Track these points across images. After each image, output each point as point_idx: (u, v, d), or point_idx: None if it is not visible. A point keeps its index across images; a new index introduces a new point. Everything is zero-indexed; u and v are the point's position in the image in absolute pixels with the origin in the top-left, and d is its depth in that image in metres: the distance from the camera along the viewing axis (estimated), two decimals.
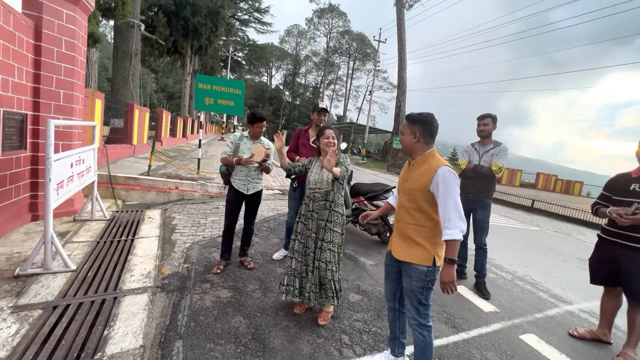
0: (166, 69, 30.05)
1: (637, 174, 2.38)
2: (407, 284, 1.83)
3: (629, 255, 2.35)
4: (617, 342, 2.70)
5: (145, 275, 2.96)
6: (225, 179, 3.22)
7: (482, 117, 3.44)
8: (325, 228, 2.44)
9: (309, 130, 3.48)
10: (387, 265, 2.06)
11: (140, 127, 9.75)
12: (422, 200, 1.75)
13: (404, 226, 1.85)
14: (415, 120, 1.81)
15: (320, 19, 51.75)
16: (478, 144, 3.51)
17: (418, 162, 1.83)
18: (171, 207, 5.33)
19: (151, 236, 3.99)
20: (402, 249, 1.85)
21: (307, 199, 2.54)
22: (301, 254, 2.52)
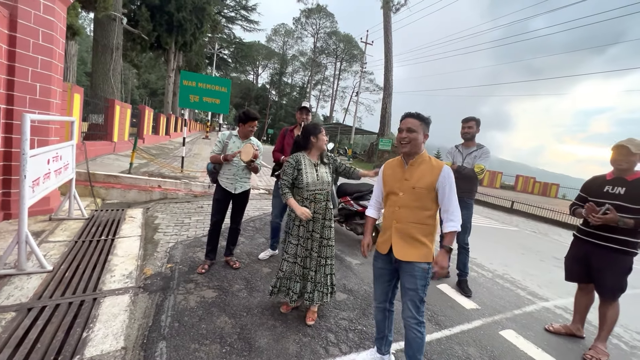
0: (149, 65, 29.32)
1: (611, 177, 2.51)
2: (410, 284, 1.82)
3: (599, 254, 2.48)
4: (589, 336, 2.83)
5: (126, 276, 2.88)
6: (213, 178, 3.17)
7: (466, 120, 3.50)
8: (326, 226, 2.50)
9: (294, 130, 3.47)
10: (379, 268, 2.02)
11: (122, 123, 9.47)
12: (427, 198, 1.80)
13: (406, 226, 1.83)
14: (426, 121, 1.85)
15: (307, 19, 51.78)
16: (462, 146, 3.58)
17: (418, 162, 1.86)
18: (154, 206, 5.20)
19: (132, 236, 3.88)
20: (405, 249, 1.83)
21: (306, 202, 2.44)
22: (302, 259, 2.48)
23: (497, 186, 22.41)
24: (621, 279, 2.45)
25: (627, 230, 2.35)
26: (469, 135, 3.47)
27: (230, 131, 3.18)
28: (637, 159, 2.36)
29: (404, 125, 1.85)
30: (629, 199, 2.34)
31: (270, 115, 54.15)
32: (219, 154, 3.06)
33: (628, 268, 2.42)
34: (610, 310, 2.52)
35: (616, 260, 2.42)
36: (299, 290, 2.48)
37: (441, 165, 1.79)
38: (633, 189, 2.35)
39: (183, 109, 8.23)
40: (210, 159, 3.13)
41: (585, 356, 2.47)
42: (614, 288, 2.48)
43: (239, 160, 3.02)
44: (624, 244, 2.38)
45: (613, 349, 2.69)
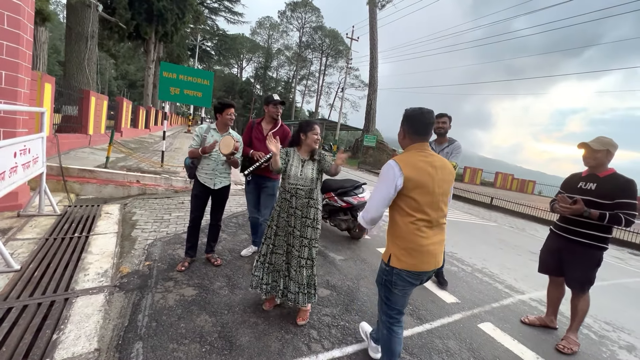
0: (127, 55, 28.16)
1: (585, 174, 2.64)
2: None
3: (571, 248, 2.60)
4: (561, 327, 2.95)
5: (101, 274, 2.77)
6: (191, 173, 3.06)
7: (440, 116, 3.46)
8: (312, 227, 2.40)
9: (261, 123, 3.34)
10: (411, 284, 1.77)
11: (97, 115, 9.08)
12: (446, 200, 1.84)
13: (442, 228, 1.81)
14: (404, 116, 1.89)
15: (293, 13, 51.16)
16: (434, 143, 3.55)
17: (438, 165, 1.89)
18: (132, 202, 5.03)
19: (108, 232, 3.73)
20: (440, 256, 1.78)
21: (287, 194, 2.41)
22: (284, 250, 2.45)
23: (478, 183, 23.04)
24: (590, 272, 2.56)
25: (598, 226, 2.45)
26: (443, 130, 3.44)
27: (208, 124, 3.08)
28: (603, 156, 2.48)
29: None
30: (599, 195, 2.46)
31: (254, 110, 53.39)
32: (197, 148, 2.95)
33: (597, 262, 2.53)
34: (581, 302, 2.63)
35: (586, 254, 2.53)
36: (282, 287, 2.44)
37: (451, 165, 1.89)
38: (603, 185, 2.47)
39: (164, 102, 7.97)
40: (189, 154, 3.02)
41: (558, 347, 2.57)
42: (583, 281, 2.59)
43: (218, 154, 2.94)
44: (594, 239, 2.48)
45: (583, 339, 2.81)
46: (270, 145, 2.32)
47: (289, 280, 2.43)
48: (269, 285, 2.47)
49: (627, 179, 2.42)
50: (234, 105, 3.04)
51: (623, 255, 7.13)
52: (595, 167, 2.54)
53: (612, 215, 2.35)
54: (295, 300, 2.39)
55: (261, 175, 3.27)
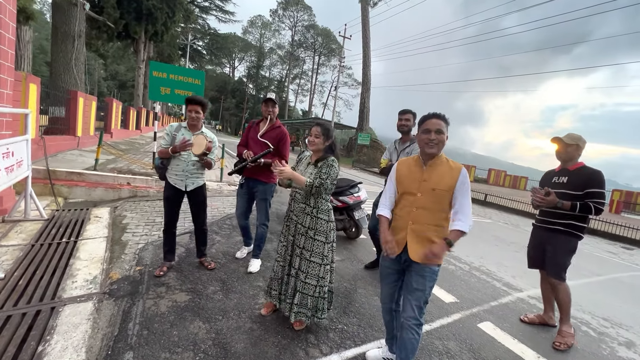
0: (117, 55, 27.76)
1: (559, 169, 2.78)
2: (419, 284, 1.79)
3: (550, 236, 2.70)
4: None
5: (90, 281, 2.67)
6: (161, 174, 2.91)
7: (403, 112, 3.32)
8: (306, 235, 2.25)
9: (259, 124, 3.23)
10: (387, 268, 1.96)
11: (86, 117, 8.88)
12: (446, 201, 1.77)
13: (423, 228, 1.80)
14: (448, 122, 1.83)
15: (285, 11, 50.90)
16: (399, 142, 3.42)
17: (436, 163, 1.83)
18: (122, 205, 4.91)
19: (98, 237, 3.62)
20: (420, 251, 1.77)
21: (290, 198, 2.38)
22: (282, 257, 2.38)
23: (471, 179, 23.19)
24: (565, 257, 2.66)
25: (573, 216, 2.58)
26: (407, 128, 3.29)
27: (179, 123, 2.93)
28: (573, 150, 2.62)
29: (433, 126, 1.79)
30: (570, 186, 2.61)
31: (247, 110, 53.06)
32: (166, 147, 2.79)
33: (572, 249, 2.65)
34: (560, 293, 2.69)
35: (563, 240, 2.64)
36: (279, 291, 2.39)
37: (459, 167, 1.79)
38: (573, 177, 2.61)
39: (154, 102, 7.82)
40: (158, 154, 2.86)
41: (555, 344, 2.58)
42: (559, 265, 2.67)
43: (188, 154, 2.81)
44: (570, 227, 2.61)
45: (583, 337, 2.81)
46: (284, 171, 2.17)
47: (287, 285, 2.36)
48: (275, 291, 2.41)
49: (595, 170, 2.56)
50: (198, 102, 2.79)
51: (616, 250, 7.22)
52: (566, 161, 2.69)
53: (582, 204, 2.49)
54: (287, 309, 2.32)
55: (252, 178, 3.17)
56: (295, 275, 2.29)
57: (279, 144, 3.12)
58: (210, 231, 4.19)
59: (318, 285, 2.24)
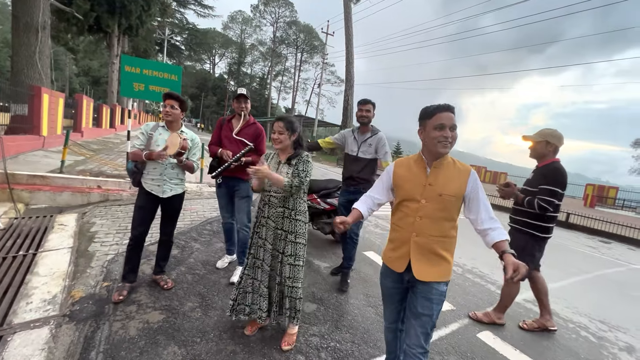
0: (89, 50, 26.24)
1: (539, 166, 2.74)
2: (425, 309, 1.53)
3: (515, 236, 2.69)
4: (560, 329, 2.86)
5: (48, 302, 2.35)
6: (135, 179, 2.55)
7: (364, 102, 3.15)
8: (287, 240, 2.09)
9: (232, 121, 3.01)
10: (390, 288, 1.71)
11: (52, 114, 8.26)
12: (454, 208, 1.53)
13: (428, 240, 1.53)
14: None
15: (266, 7, 50.04)
16: (358, 132, 3.23)
17: (442, 164, 1.56)
18: (91, 211, 4.51)
19: (61, 248, 3.27)
20: (426, 268, 1.53)
21: (261, 203, 2.17)
22: (250, 266, 2.19)
23: None
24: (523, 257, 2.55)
25: (527, 213, 2.58)
26: (367, 119, 3.12)
27: (156, 122, 2.62)
28: (542, 147, 2.61)
29: (448, 121, 1.48)
30: (529, 182, 2.66)
31: (229, 107, 51.96)
32: (140, 148, 2.46)
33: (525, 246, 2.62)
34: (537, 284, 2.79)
35: (515, 238, 2.64)
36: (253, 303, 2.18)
37: (468, 169, 1.55)
38: (536, 174, 2.63)
39: (129, 99, 7.35)
40: (130, 157, 2.49)
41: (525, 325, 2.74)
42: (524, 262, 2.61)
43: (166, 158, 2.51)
44: (523, 225, 2.63)
45: (584, 342, 2.73)
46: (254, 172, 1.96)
47: (259, 296, 2.16)
48: (247, 307, 2.18)
49: (555, 167, 2.53)
50: (174, 97, 2.53)
51: (595, 244, 7.38)
52: (537, 157, 2.69)
53: (528, 200, 2.52)
54: (271, 318, 2.14)
55: (232, 177, 2.93)
56: (280, 283, 2.13)
57: (256, 141, 2.91)
58: (189, 238, 3.89)
59: (301, 287, 2.16)
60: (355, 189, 3.16)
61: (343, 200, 3.29)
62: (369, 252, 4.27)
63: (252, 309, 2.19)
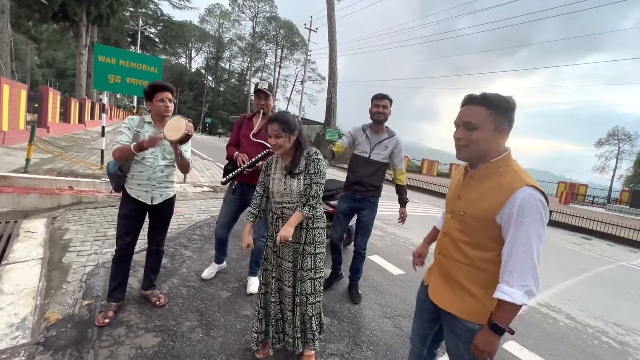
0: (53, 39, 24.51)
1: None
2: (452, 344, 1.30)
3: None
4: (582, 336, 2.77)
5: (16, 326, 1.98)
6: (118, 184, 2.18)
7: (381, 97, 2.71)
8: (304, 253, 1.83)
9: (253, 119, 2.70)
10: (421, 301, 1.49)
11: (13, 107, 7.49)
12: (482, 235, 1.18)
13: (449, 263, 1.29)
14: (503, 106, 1.14)
15: (245, 1, 48.89)
16: (370, 130, 2.83)
17: (482, 173, 1.20)
18: (63, 215, 4.04)
19: (29, 259, 2.84)
20: (443, 293, 1.30)
21: (273, 217, 1.89)
22: (273, 289, 1.90)
23: (435, 174, 24.05)
24: None
25: None
26: (383, 117, 2.72)
27: (141, 117, 2.24)
28: None
29: (460, 118, 1.20)
30: None
31: (207, 103, 50.44)
32: (127, 144, 2.06)
33: None
34: None
35: None
36: (277, 332, 1.91)
37: (516, 185, 1.09)
38: None
39: (101, 92, 6.77)
40: (114, 155, 2.09)
41: None
42: None
43: (155, 158, 2.16)
44: None
45: (607, 349, 2.68)
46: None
47: (283, 322, 1.91)
48: (262, 334, 1.92)
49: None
50: (170, 88, 2.19)
51: (578, 241, 7.64)
52: None
53: None
54: (295, 345, 1.86)
55: (247, 183, 2.63)
56: (299, 303, 1.85)
57: None
58: (178, 244, 3.54)
59: (319, 302, 1.92)
60: (362, 196, 2.80)
61: (345, 208, 2.89)
62: (373, 257, 4.07)
63: (279, 338, 1.93)
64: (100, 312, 2.16)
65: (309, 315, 1.84)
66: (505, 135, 1.17)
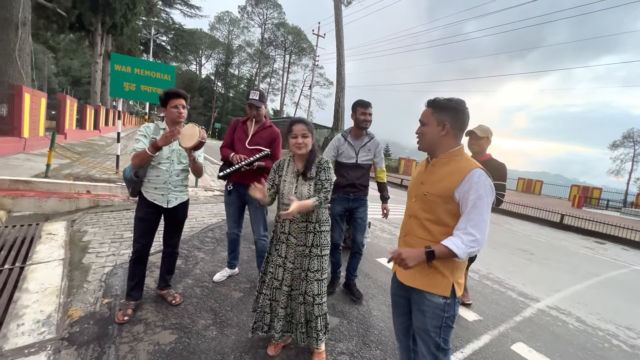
0: (69, 49, 25.42)
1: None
2: (419, 322, 1.43)
3: None
4: (592, 339, 2.75)
5: (42, 323, 2.09)
6: (135, 188, 2.29)
7: (367, 105, 2.85)
8: (311, 255, 1.92)
9: (247, 123, 2.80)
10: (394, 295, 1.63)
11: (34, 115, 7.80)
12: (442, 210, 1.36)
13: (413, 241, 1.45)
14: (445, 107, 1.39)
15: (254, 8, 49.71)
16: (350, 137, 2.95)
17: (441, 162, 1.43)
18: (81, 218, 4.20)
19: (52, 260, 2.98)
20: (411, 272, 1.43)
21: (281, 217, 1.97)
22: (268, 286, 2.00)
23: None
24: None
25: None
26: (369, 124, 2.89)
27: (155, 123, 2.36)
28: (484, 142, 2.68)
29: (421, 115, 1.49)
30: None
31: (216, 109, 51.21)
32: (144, 150, 2.16)
33: None
34: None
35: None
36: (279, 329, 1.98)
37: (470, 168, 1.33)
38: None
39: (116, 100, 7.01)
40: (133, 162, 2.18)
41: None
42: None
43: (170, 163, 2.29)
44: None
45: (618, 352, 2.66)
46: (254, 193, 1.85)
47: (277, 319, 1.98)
48: (266, 326, 2.01)
49: (499, 162, 2.66)
50: (183, 95, 2.29)
51: (591, 245, 7.50)
52: (478, 152, 2.71)
53: None
54: (297, 339, 1.95)
55: (243, 184, 2.70)
56: (304, 302, 1.93)
57: (272, 145, 2.71)
58: (191, 246, 3.65)
59: (324, 303, 1.99)
60: (355, 197, 2.94)
61: (340, 210, 2.96)
62: (381, 259, 4.12)
63: (269, 328, 2.01)
64: (120, 310, 2.26)
65: (315, 316, 1.91)
66: (448, 129, 1.39)
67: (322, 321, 1.95)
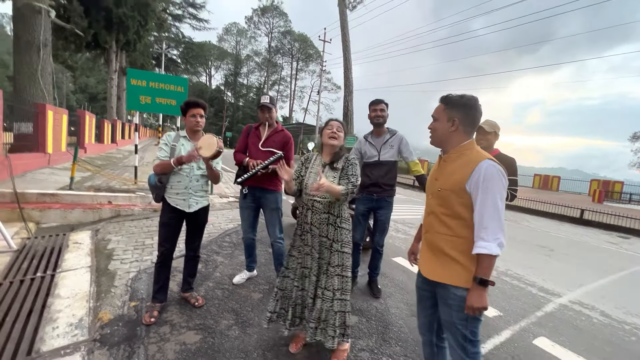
0: (86, 67, 26.42)
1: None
2: (446, 314, 1.45)
3: None
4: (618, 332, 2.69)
5: (75, 326, 2.20)
6: (158, 194, 2.42)
7: (377, 102, 2.96)
8: (332, 249, 1.97)
9: (259, 128, 2.90)
10: (419, 289, 1.65)
11: (57, 131, 8.16)
12: (456, 203, 1.39)
13: (434, 237, 1.49)
14: (456, 104, 1.42)
15: (260, 18, 50.65)
16: (372, 136, 3.04)
17: (452, 157, 1.46)
18: (104, 227, 4.37)
19: (80, 267, 3.12)
20: (432, 266, 1.48)
21: (303, 208, 2.05)
22: (297, 275, 2.05)
23: None
24: None
25: None
26: (383, 119, 2.95)
27: (176, 132, 2.50)
28: (492, 137, 2.64)
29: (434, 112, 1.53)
30: None
31: (227, 118, 52.09)
32: (166, 159, 2.33)
33: None
34: None
35: None
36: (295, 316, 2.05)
37: (478, 160, 1.36)
38: None
39: (131, 113, 7.27)
40: (155, 169, 2.35)
41: None
42: None
43: (191, 169, 2.40)
44: None
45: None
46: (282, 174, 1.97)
47: (303, 308, 2.04)
48: (274, 314, 2.08)
49: (509, 157, 2.60)
50: (202, 105, 2.43)
51: (614, 240, 7.26)
52: (486, 147, 2.61)
53: None
54: (313, 335, 1.96)
55: (258, 187, 2.80)
56: (323, 296, 1.96)
57: (285, 148, 2.80)
58: (210, 251, 3.75)
59: (347, 300, 2.01)
60: (379, 197, 2.95)
61: (363, 209, 3.02)
62: (397, 258, 4.13)
63: (293, 321, 2.05)
64: (147, 312, 2.36)
65: (334, 311, 1.94)
66: (458, 125, 1.42)
67: (340, 318, 1.95)
